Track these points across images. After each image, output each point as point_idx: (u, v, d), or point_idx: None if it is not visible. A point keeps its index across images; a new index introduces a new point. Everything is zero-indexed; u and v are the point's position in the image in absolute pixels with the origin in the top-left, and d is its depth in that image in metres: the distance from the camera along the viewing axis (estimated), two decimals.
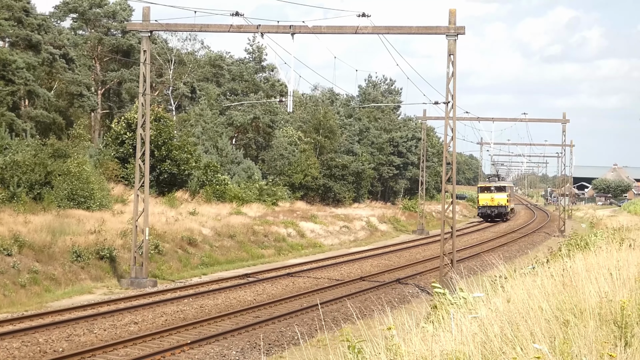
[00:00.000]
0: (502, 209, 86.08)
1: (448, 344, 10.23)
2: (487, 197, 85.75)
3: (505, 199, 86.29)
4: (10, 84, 57.60)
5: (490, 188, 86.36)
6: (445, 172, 33.17)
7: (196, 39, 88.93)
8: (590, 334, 10.07)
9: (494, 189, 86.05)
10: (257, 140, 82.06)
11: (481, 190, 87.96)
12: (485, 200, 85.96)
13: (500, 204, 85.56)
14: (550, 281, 15.02)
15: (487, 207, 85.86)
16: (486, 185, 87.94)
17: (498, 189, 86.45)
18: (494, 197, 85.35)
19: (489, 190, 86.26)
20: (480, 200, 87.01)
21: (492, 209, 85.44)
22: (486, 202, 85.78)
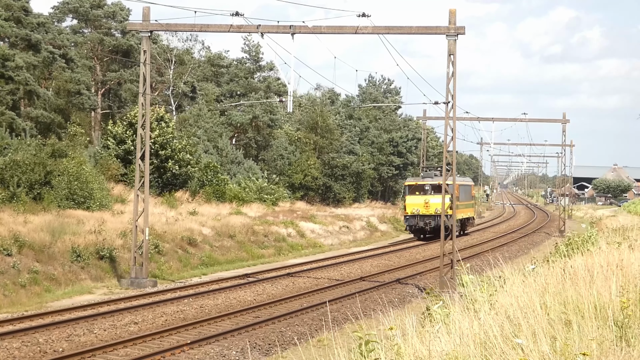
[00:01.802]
0: None
1: (447, 345, 10.22)
2: (418, 202, 56.91)
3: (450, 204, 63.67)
4: (10, 82, 57.59)
5: (423, 187, 57.47)
6: (445, 172, 33.15)
7: (197, 39, 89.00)
8: (591, 334, 10.06)
9: (429, 189, 56.96)
10: (256, 140, 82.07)
11: (410, 190, 58.26)
12: (414, 206, 56.92)
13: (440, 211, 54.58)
14: (550, 281, 15.02)
15: (419, 216, 56.78)
16: (417, 183, 58.36)
17: (438, 189, 54.43)
18: (429, 202, 56.12)
19: (421, 191, 57.57)
20: (408, 206, 57.36)
21: (427, 219, 56.44)
22: (416, 209, 56.78)
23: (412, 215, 57.24)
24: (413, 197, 57.58)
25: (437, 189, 54.40)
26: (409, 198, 57.82)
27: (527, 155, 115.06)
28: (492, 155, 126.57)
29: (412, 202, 57.23)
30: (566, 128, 73.54)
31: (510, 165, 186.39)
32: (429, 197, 56.55)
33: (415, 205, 56.91)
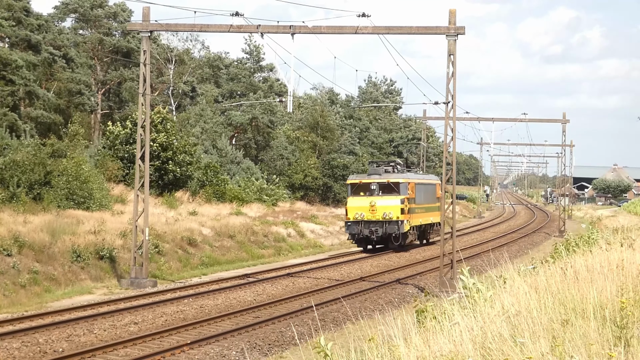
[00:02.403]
0: (394, 227, 46.26)
1: (447, 345, 10.23)
2: (362, 204, 46.55)
3: (400, 207, 46.41)
4: (10, 84, 57.60)
5: (369, 187, 47.21)
6: (445, 173, 33.19)
7: (197, 39, 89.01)
8: (591, 334, 10.06)
9: (376, 188, 47.03)
10: (256, 140, 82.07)
11: (353, 190, 47.70)
12: (358, 210, 46.51)
13: (390, 216, 46.20)
14: (550, 281, 15.02)
15: (363, 223, 46.31)
16: (361, 182, 47.71)
17: (387, 189, 46.92)
18: (375, 204, 46.25)
19: (367, 191, 47.21)
20: (350, 210, 46.82)
21: (373, 226, 46.23)
22: (360, 214, 46.31)
23: (355, 222, 46.09)
24: (356, 199, 46.80)
25: (387, 188, 46.83)
26: (352, 200, 47.02)
27: (527, 155, 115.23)
28: (492, 155, 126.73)
29: (355, 205, 46.55)
30: (566, 128, 73.65)
31: (510, 165, 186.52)
32: (375, 198, 46.36)
33: (358, 208, 46.32)
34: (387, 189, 46.89)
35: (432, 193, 54.03)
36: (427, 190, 53.01)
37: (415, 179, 50.36)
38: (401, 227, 46.27)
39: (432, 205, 53.03)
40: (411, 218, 47.84)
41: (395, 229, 46.22)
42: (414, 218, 48.60)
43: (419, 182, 50.81)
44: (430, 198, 53.15)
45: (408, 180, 48.16)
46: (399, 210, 46.37)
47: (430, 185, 54.32)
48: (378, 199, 46.51)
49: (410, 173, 52.02)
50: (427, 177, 57.25)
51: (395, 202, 46.50)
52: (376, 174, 47.95)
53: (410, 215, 47.62)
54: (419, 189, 50.14)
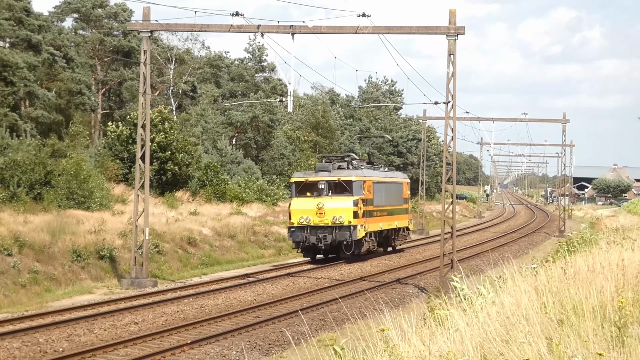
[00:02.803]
0: (345, 234, 39.82)
1: (446, 345, 10.25)
2: (308, 206, 40.11)
3: (353, 210, 39.91)
4: (10, 85, 57.63)
5: (316, 186, 40.74)
6: (445, 172, 33.20)
7: (197, 39, 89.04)
8: (589, 334, 10.08)
9: (325, 187, 40.63)
10: (256, 140, 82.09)
11: (297, 189, 41.30)
12: (303, 213, 40.10)
13: (341, 221, 39.78)
14: (550, 281, 15.04)
15: (309, 228, 39.97)
16: (307, 180, 41.19)
17: (338, 188, 40.59)
18: (323, 207, 39.85)
19: (314, 191, 40.80)
20: (294, 214, 40.34)
21: (321, 233, 39.83)
22: (306, 218, 39.93)
23: (300, 227, 39.70)
24: (301, 201, 40.30)
25: (338, 188, 40.35)
26: (296, 202, 40.43)
27: (527, 155, 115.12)
28: (492, 155, 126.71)
29: (300, 208, 40.02)
30: (566, 128, 73.62)
31: (510, 165, 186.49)
32: (324, 199, 39.90)
33: (303, 211, 39.80)
34: (338, 189, 40.48)
35: (397, 193, 47.21)
36: (390, 190, 45.94)
37: (373, 176, 43.16)
38: (354, 234, 39.73)
39: (397, 207, 46.53)
40: (367, 222, 41.06)
41: (347, 236, 39.73)
42: (372, 222, 41.96)
43: (378, 180, 43.70)
44: (395, 199, 46.47)
45: (363, 178, 41.08)
46: (352, 213, 39.90)
47: (394, 185, 47.00)
48: (327, 201, 40.09)
49: (368, 170, 43.79)
50: (391, 174, 48.81)
51: (347, 203, 39.94)
52: (325, 171, 41.12)
53: (367, 219, 40.91)
54: (379, 188, 43.27)
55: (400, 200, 47.61)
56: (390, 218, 45.20)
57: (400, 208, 47.31)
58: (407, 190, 49.50)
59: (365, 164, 45.91)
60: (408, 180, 51.45)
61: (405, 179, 51.03)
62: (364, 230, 40.66)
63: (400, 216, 47.12)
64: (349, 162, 42.62)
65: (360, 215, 40.40)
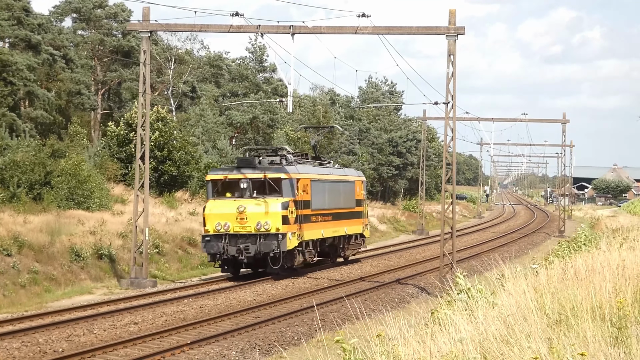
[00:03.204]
0: (271, 244, 33.10)
1: (446, 345, 10.24)
2: (226, 210, 33.64)
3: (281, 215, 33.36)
4: (10, 85, 57.61)
5: (237, 185, 34.18)
6: (445, 173, 33.18)
7: (197, 39, 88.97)
8: (588, 334, 10.06)
9: (248, 187, 33.95)
10: (256, 140, 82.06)
11: (214, 188, 34.68)
12: (220, 219, 33.57)
13: (267, 228, 33.23)
14: (550, 281, 15.03)
15: (228, 237, 33.36)
16: (227, 178, 34.50)
17: (264, 188, 34.02)
18: (245, 210, 33.34)
19: (234, 191, 34.28)
20: (209, 219, 33.77)
21: (243, 242, 33.23)
22: (224, 224, 33.40)
23: (217, 236, 33.00)
24: (219, 203, 33.62)
25: (264, 187, 33.53)
26: (212, 204, 33.75)
27: (527, 155, 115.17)
28: (492, 156, 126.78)
29: (217, 212, 33.33)
30: (566, 128, 73.64)
31: (510, 166, 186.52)
32: (246, 201, 33.09)
33: (221, 216, 33.09)
34: (264, 188, 33.52)
35: (347, 194, 40.41)
36: (337, 190, 39.32)
37: (312, 173, 36.40)
38: (283, 243, 32.67)
39: (346, 210, 39.83)
40: (303, 230, 34.28)
41: (274, 246, 32.58)
42: (310, 229, 35.23)
43: (320, 178, 36.99)
44: (344, 201, 39.76)
45: (297, 175, 34.24)
46: (280, 218, 32.81)
47: (343, 184, 40.11)
48: (250, 203, 33.11)
49: (305, 166, 36.68)
50: (340, 171, 41.26)
51: (275, 207, 33.03)
52: (248, 167, 34.01)
53: (302, 225, 34.13)
54: (320, 188, 36.80)
55: (352, 202, 40.61)
56: (336, 223, 38.36)
57: (352, 211, 40.43)
58: (362, 190, 42.08)
59: (311, 159, 39.61)
60: (363, 179, 43.40)
61: (360, 177, 43.17)
62: (296, 239, 33.66)
63: (352, 221, 40.31)
64: (281, 157, 35.35)
65: (292, 220, 33.38)
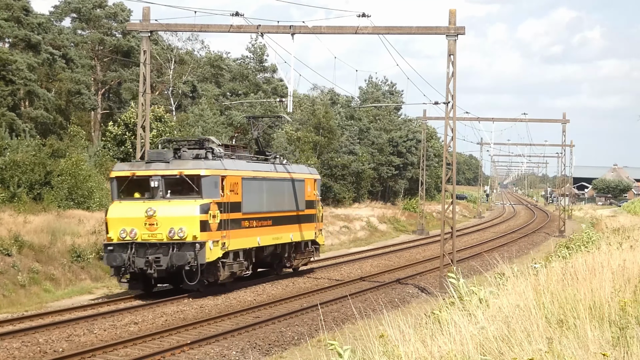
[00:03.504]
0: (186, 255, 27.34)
1: (446, 345, 10.24)
2: (132, 214, 27.97)
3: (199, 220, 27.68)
4: (10, 84, 57.64)
5: (147, 183, 28.45)
6: (445, 173, 33.18)
7: (197, 39, 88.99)
8: (588, 335, 10.06)
9: (159, 186, 28.29)
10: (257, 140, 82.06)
11: (120, 188, 28.86)
12: (126, 224, 27.87)
13: (182, 236, 27.57)
14: (550, 281, 15.03)
15: (135, 246, 27.66)
16: (135, 175, 28.64)
17: (180, 187, 28.52)
18: (156, 215, 27.58)
19: (143, 191, 28.73)
20: (112, 224, 28.06)
21: (152, 253, 27.56)
22: (131, 230, 27.79)
23: (121, 245, 27.76)
24: (124, 205, 28.48)
25: (180, 186, 28.26)
26: (116, 207, 28.49)
27: (527, 155, 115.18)
28: (492, 156, 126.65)
29: (121, 216, 28.06)
30: (566, 128, 73.66)
31: (510, 166, 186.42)
32: (157, 203, 27.82)
33: (126, 221, 27.82)
34: (179, 188, 28.28)
35: (294, 194, 35.10)
36: (280, 189, 34.09)
37: (244, 170, 30.89)
38: (201, 255, 27.40)
39: (293, 213, 34.65)
40: (230, 237, 28.94)
41: (189, 258, 27.23)
42: (239, 237, 29.92)
43: (255, 176, 31.62)
44: (291, 202, 34.65)
45: (222, 172, 28.71)
46: (197, 224, 27.50)
47: (288, 182, 34.67)
48: (161, 205, 27.75)
49: (234, 161, 30.89)
50: (284, 168, 34.96)
51: (191, 209, 27.71)
52: (161, 162, 28.47)
53: (228, 232, 28.83)
54: (256, 187, 31.59)
55: (301, 204, 35.40)
56: (279, 229, 33.27)
57: (300, 215, 35.14)
58: (314, 190, 36.69)
59: (255, 153, 35.47)
60: (317, 177, 37.53)
61: (312, 174, 37.34)
62: (220, 249, 28.34)
63: (300, 226, 35.15)
64: (207, 150, 29.63)
65: (214, 226, 28.01)
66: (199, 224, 27.67)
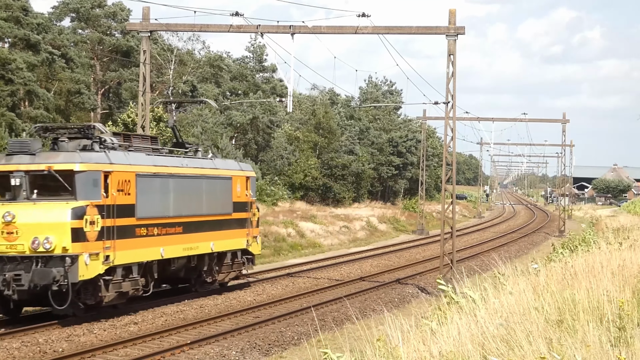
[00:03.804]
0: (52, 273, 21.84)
1: (447, 345, 10.24)
2: None
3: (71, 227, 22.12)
4: (9, 84, 57.63)
5: (7, 179, 22.62)
6: (445, 172, 33.18)
7: (198, 39, 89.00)
8: (589, 335, 10.06)
9: (23, 185, 22.60)
10: (256, 140, 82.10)
11: None
12: None
13: (48, 247, 22.00)
14: (549, 281, 15.03)
15: None
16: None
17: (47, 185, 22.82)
18: (15, 221, 22.14)
19: (5, 191, 22.95)
20: None
21: (12, 269, 21.97)
22: None
23: None
24: None
25: (48, 184, 23.05)
26: None
27: (527, 155, 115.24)
28: (492, 155, 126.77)
29: None
30: (566, 128, 73.68)
31: (510, 165, 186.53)
32: (17, 206, 22.73)
33: None
34: (47, 187, 23.11)
35: (218, 195, 29.12)
36: (196, 189, 27.99)
37: (141, 164, 25.40)
38: (72, 271, 22.29)
39: (215, 217, 28.66)
40: (117, 249, 23.78)
41: (56, 275, 22.06)
42: (132, 247, 24.61)
43: (157, 172, 25.90)
44: (211, 205, 28.55)
45: (106, 167, 23.71)
46: (68, 232, 22.48)
47: (209, 180, 28.56)
48: (22, 209, 22.67)
49: (129, 153, 25.34)
50: (205, 163, 29.02)
51: (59, 214, 22.63)
52: (25, 153, 23.19)
53: (114, 242, 23.68)
54: (157, 186, 25.98)
55: (227, 207, 29.46)
56: (194, 237, 27.55)
57: (226, 220, 29.39)
58: (246, 189, 30.62)
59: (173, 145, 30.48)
60: (250, 174, 31.36)
61: (244, 171, 31.19)
62: (102, 264, 23.23)
63: (225, 232, 29.26)
64: (94, 140, 24.04)
65: (93, 235, 22.88)
66: (71, 233, 22.20)
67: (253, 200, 31.50)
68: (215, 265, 29.26)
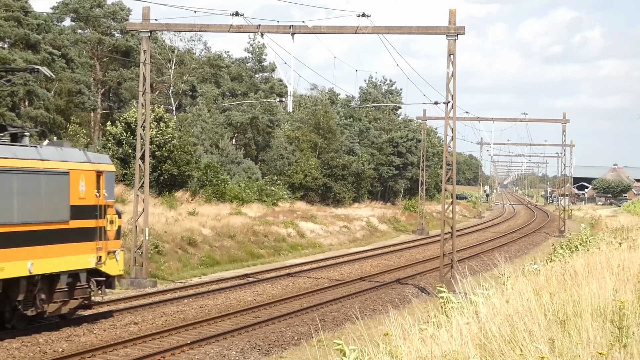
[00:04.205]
0: None
1: (447, 345, 10.23)
2: None
3: None
4: (9, 84, 57.59)
5: None
6: (445, 173, 33.17)
7: (200, 39, 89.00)
8: (589, 335, 10.05)
9: None
10: (256, 140, 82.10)
11: None
12: None
13: None
14: (550, 281, 15.03)
15: None
16: None
17: None
18: None
19: None
20: None
21: None
22: None
23: None
24: None
25: None
26: None
27: (527, 155, 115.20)
28: (492, 155, 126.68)
29: None
30: (566, 128, 73.70)
31: (510, 165, 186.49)
32: None
33: None
34: None
35: (45, 196, 21.64)
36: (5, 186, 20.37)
37: None
38: None
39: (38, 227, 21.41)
40: None
41: None
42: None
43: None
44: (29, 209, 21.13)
45: None
46: None
47: (28, 176, 21.12)
48: None
49: None
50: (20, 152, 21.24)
51: None
52: None
53: None
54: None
55: (61, 212, 22.20)
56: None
57: (57, 229, 22.04)
58: (96, 188, 23.52)
59: None
60: (103, 168, 24.02)
61: (93, 163, 23.74)
62: None
63: (60, 247, 22.13)
64: None
65: None
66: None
67: (110, 203, 24.13)
68: (41, 293, 21.77)
